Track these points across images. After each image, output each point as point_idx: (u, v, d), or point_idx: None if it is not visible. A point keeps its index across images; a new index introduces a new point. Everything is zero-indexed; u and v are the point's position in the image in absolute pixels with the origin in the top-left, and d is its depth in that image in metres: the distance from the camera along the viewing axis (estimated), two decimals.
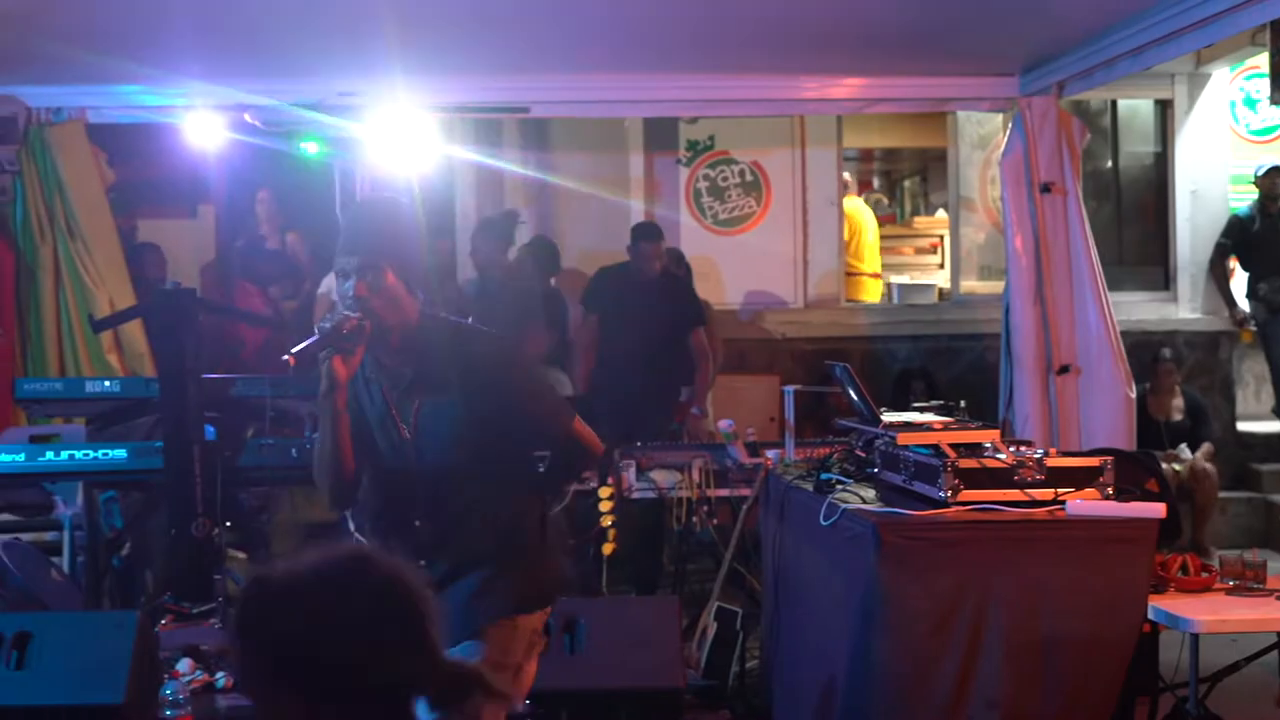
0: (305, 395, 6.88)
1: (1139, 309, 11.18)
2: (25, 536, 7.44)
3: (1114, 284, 8.89)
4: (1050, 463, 4.98)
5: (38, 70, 7.99)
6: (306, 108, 8.60)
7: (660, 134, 11.24)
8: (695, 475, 7.44)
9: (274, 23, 7.13)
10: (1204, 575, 5.27)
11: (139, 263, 9.43)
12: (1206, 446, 9.80)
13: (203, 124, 8.59)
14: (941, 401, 6.03)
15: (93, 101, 8.56)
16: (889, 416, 5.60)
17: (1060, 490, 4.92)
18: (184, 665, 6.47)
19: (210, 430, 6.96)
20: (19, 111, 8.43)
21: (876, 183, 17.08)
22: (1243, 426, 11.27)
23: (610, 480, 7.44)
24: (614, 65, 8.37)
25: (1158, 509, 4.87)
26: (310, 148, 8.81)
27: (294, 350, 3.68)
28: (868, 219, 12.80)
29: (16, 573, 6.51)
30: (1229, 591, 5.21)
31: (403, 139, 8.63)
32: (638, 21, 7.34)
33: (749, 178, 11.39)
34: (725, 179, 11.37)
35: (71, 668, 5.36)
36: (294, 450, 6.88)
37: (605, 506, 7.35)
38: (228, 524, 6.95)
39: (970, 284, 11.70)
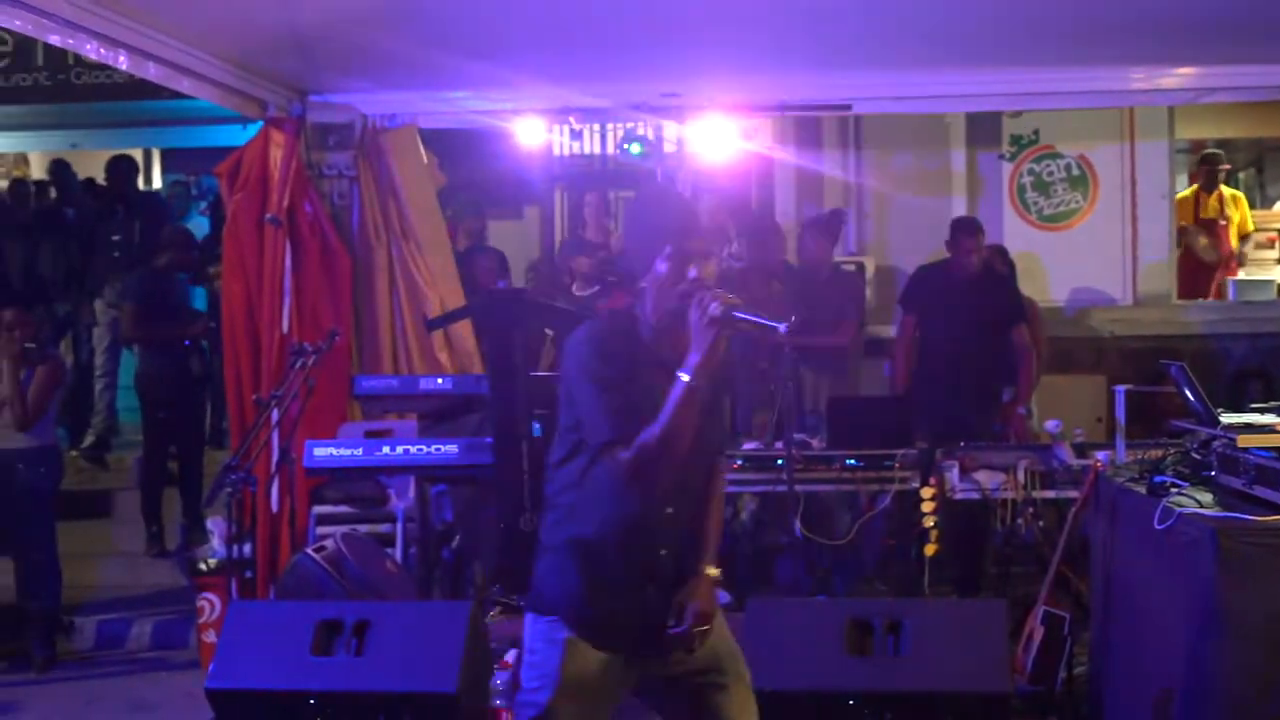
0: None
1: None
2: (362, 528, 7.74)
3: None
4: None
5: (375, 76, 8.30)
6: (631, 109, 8.74)
7: (982, 129, 11.05)
8: (1020, 476, 7.29)
9: (603, 26, 7.25)
10: None
11: (473, 265, 9.68)
12: None
13: (530, 127, 8.81)
14: None
15: (424, 107, 8.85)
16: (1228, 418, 5.38)
17: None
18: (512, 656, 6.60)
19: (537, 427, 7.11)
20: (355, 119, 8.78)
21: None
22: None
23: (932, 481, 7.35)
24: (936, 60, 8.23)
25: None
26: (634, 149, 8.94)
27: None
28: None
29: (354, 563, 6.75)
30: None
31: (724, 139, 8.71)
32: (960, 14, 7.22)
33: (1075, 172, 11.11)
34: (1051, 173, 11.12)
35: (407, 656, 5.54)
36: None
37: (927, 507, 7.26)
38: None
39: None
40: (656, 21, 7.15)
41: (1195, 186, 12.22)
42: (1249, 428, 5.17)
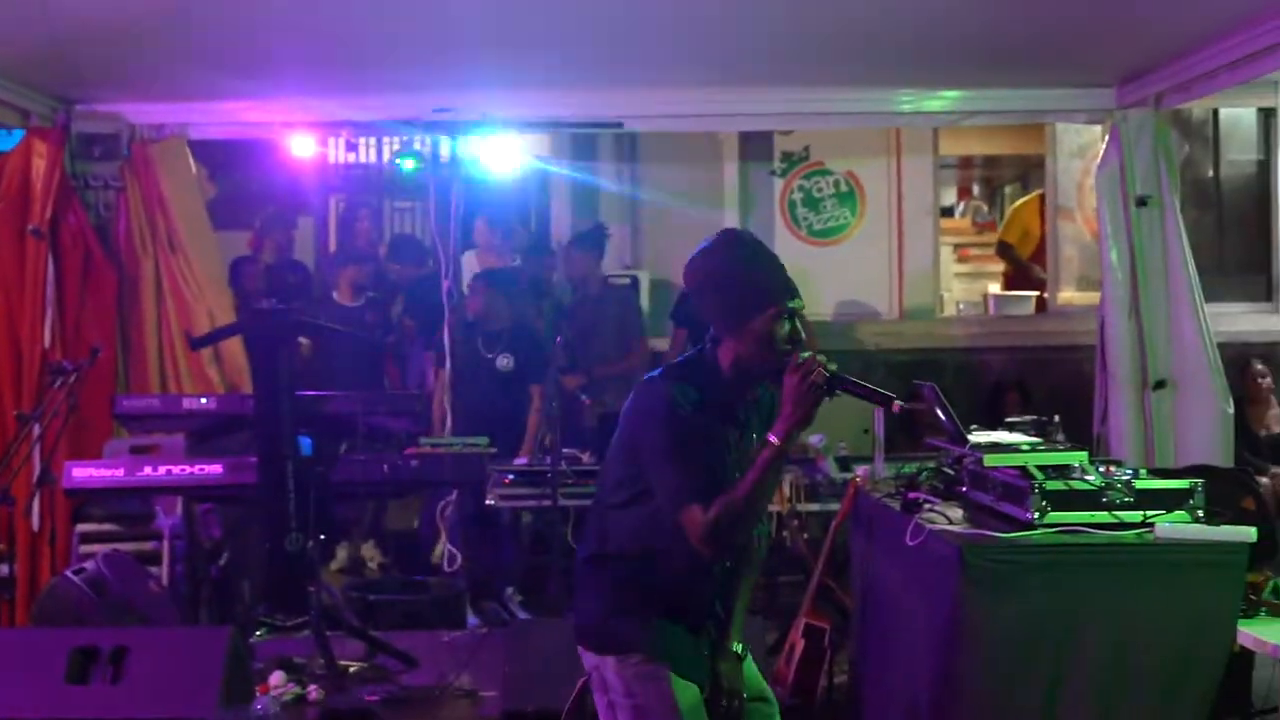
0: (396, 413, 7.02)
1: (1241, 320, 10.98)
2: (126, 546, 7.59)
3: (1215, 295, 8.83)
4: (1140, 484, 4.92)
5: (141, 88, 8.16)
6: (403, 124, 8.72)
7: (754, 146, 11.26)
8: (786, 489, 7.45)
9: (371, 40, 7.22)
10: None
11: (239, 276, 9.58)
12: None
13: (301, 140, 8.75)
14: (1035, 416, 5.98)
15: (194, 118, 8.71)
16: (976, 436, 5.56)
17: (1149, 512, 4.86)
18: (275, 678, 6.55)
19: (307, 445, 7.06)
20: (122, 129, 8.61)
21: (976, 190, 16.94)
22: None
23: None
24: (708, 79, 8.38)
25: (1247, 533, 4.78)
26: (407, 164, 8.93)
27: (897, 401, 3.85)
28: None
29: (116, 584, 6.63)
30: None
31: (498, 154, 8.74)
32: (731, 35, 7.34)
33: (844, 188, 11.37)
34: (820, 190, 11.36)
35: (165, 682, 5.48)
36: (385, 466, 6.97)
37: None
38: (321, 537, 7.03)
39: (1068, 294, 11.59)
40: (418, 40, 7.14)
41: (1037, 196, 12.44)
42: (995, 446, 5.36)
